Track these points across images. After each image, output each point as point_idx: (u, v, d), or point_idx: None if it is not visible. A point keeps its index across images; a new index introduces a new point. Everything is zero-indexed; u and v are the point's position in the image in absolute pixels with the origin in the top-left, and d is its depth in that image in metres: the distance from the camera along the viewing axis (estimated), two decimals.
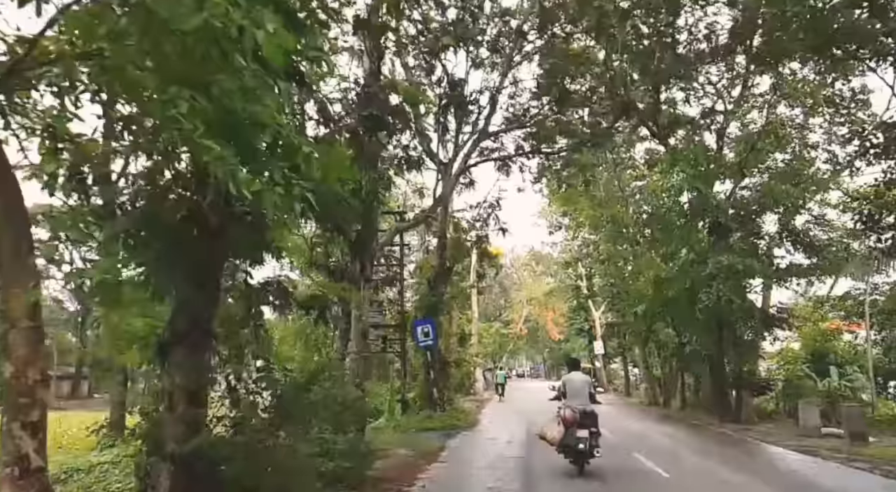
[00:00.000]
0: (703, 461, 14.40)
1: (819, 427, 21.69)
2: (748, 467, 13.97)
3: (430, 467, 12.77)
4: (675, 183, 24.01)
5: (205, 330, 7.49)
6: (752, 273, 23.06)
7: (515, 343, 72.23)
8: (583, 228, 39.70)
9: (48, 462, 5.51)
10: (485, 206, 23.42)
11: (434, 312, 23.20)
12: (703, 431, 22.48)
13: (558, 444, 11.76)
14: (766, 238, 25.58)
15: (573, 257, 46.89)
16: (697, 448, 17.08)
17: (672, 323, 29.63)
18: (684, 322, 26.30)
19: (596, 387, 14.34)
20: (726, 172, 24.68)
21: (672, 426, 23.69)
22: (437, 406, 22.72)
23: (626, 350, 45.03)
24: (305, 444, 8.95)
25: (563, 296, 56.28)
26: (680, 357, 31.34)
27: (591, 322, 49.52)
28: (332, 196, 7.56)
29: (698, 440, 19.15)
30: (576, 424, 11.43)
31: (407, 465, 12.84)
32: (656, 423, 25.06)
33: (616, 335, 44.08)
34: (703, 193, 23.71)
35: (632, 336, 38.97)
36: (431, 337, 22.47)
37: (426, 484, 10.82)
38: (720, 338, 25.12)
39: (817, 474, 13.36)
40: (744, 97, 26.18)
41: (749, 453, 17.13)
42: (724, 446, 18.12)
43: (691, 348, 27.66)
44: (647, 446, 16.76)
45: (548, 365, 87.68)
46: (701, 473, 12.71)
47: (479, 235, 24.68)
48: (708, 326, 24.88)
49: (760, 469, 13.73)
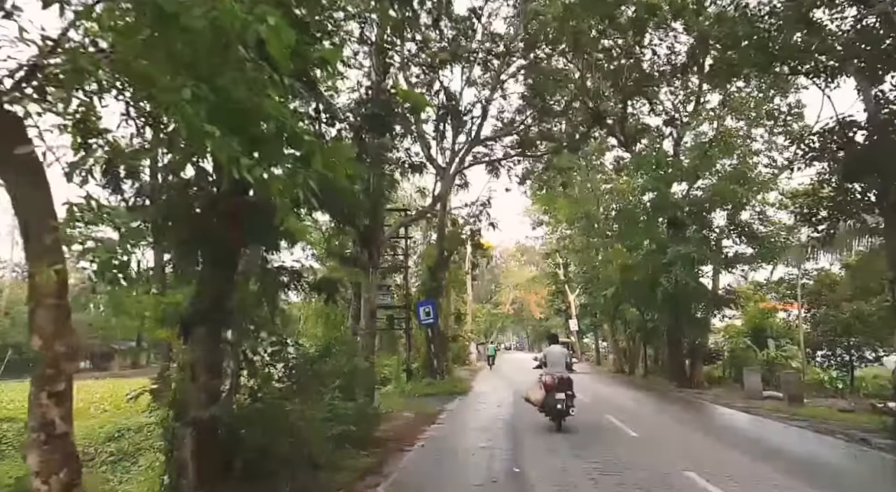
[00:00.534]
0: (665, 420, 13.88)
1: (761, 391, 21.38)
2: (704, 425, 13.47)
3: (430, 427, 12.25)
4: (640, 184, 23.46)
5: (224, 309, 6.95)
6: (704, 260, 22.58)
7: (504, 321, 72.59)
8: (560, 224, 39.32)
9: (74, 428, 4.96)
10: (477, 204, 22.98)
11: (434, 294, 22.70)
12: (663, 395, 21.96)
13: (540, 404, 11.88)
14: (716, 231, 25.06)
15: (552, 249, 46.53)
16: (660, 409, 16.57)
17: (636, 304, 29.10)
18: (647, 303, 25.77)
19: (572, 358, 14.82)
20: (682, 174, 24.12)
21: (637, 391, 23.18)
22: (436, 375, 22.20)
23: (597, 327, 44.71)
24: (317, 410, 8.43)
25: (544, 282, 56.16)
26: (643, 332, 30.91)
27: (567, 304, 49.26)
28: (340, 189, 7.02)
29: (660, 403, 18.62)
30: (554, 388, 11.65)
31: (409, 426, 12.31)
32: (624, 388, 24.55)
33: (588, 314, 43.68)
34: (663, 192, 23.20)
35: (602, 315, 38.49)
36: (432, 316, 21.96)
37: (425, 443, 10.30)
38: (677, 316, 24.65)
39: (763, 429, 12.93)
40: (697, 111, 25.64)
41: (704, 413, 16.64)
42: (682, 408, 17.61)
43: (652, 325, 27.15)
44: (616, 407, 16.27)
45: (530, 339, 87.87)
46: (664, 429, 12.18)
47: (472, 229, 24.15)
48: (667, 306, 24.37)
49: (715, 427, 13.22)
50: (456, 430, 12.22)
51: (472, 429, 12.12)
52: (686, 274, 22.59)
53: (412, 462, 8.80)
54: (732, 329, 28.92)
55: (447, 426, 12.59)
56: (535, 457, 9.09)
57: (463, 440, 10.83)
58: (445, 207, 22.54)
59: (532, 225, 47.94)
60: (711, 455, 9.32)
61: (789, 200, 27.83)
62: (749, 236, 24.44)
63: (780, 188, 27.15)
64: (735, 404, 18.75)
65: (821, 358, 26.16)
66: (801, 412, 16.05)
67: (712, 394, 22.60)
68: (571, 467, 8.35)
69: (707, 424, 13.87)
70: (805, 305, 25.99)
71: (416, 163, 18.13)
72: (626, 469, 8.11)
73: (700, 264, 23.07)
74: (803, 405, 17.51)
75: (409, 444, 10.16)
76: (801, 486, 7.37)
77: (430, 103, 15.63)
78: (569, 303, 48.71)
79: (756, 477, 7.80)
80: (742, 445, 10.44)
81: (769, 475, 7.86)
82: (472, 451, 9.57)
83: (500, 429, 11.96)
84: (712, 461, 8.69)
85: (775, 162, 25.29)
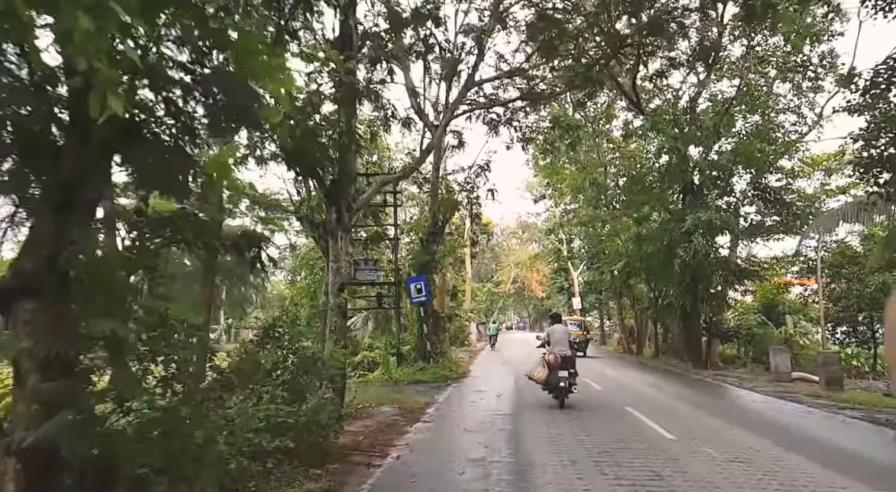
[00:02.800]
0: (699, 416, 11.34)
1: (790, 372, 19.10)
2: (749, 419, 10.93)
3: (412, 428, 9.72)
4: (655, 146, 20.72)
5: (64, 273, 4.40)
6: (729, 227, 19.97)
7: (505, 300, 70.30)
8: (564, 196, 36.56)
9: None
10: (475, 168, 20.29)
11: (427, 269, 20.11)
12: (682, 378, 19.52)
13: (543, 382, 11.87)
14: (737, 197, 22.37)
15: (556, 223, 43.91)
16: (685, 397, 14.04)
17: (648, 278, 26.58)
18: (661, 276, 23.19)
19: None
20: (703, 133, 21.35)
21: (651, 374, 20.66)
22: (430, 358, 19.67)
23: (602, 304, 42.28)
24: (242, 418, 5.95)
25: (546, 259, 53.89)
26: (654, 309, 28.49)
27: (570, 281, 46.85)
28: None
29: (682, 388, 16.13)
30: (558, 366, 11.66)
31: (386, 427, 9.77)
32: (635, 370, 22.05)
33: (593, 292, 41.27)
34: (682, 154, 20.47)
35: (608, 292, 36.07)
36: (424, 293, 19.42)
37: (402, 454, 7.76)
38: (695, 290, 22.16)
39: (825, 426, 10.45)
40: (718, 61, 22.74)
41: (739, 402, 14.12)
42: (710, 395, 15.15)
43: (667, 301, 24.61)
44: (636, 396, 13.81)
45: (532, 318, 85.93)
46: (704, 429, 9.65)
47: (470, 197, 21.45)
48: (683, 278, 21.89)
49: (765, 423, 10.65)
50: (444, 432, 9.69)
51: (464, 430, 9.60)
52: (706, 243, 20.09)
53: (377, 488, 6.29)
54: (742, 305, 27.30)
55: (434, 427, 10.06)
56: (546, 475, 6.58)
57: (451, 448, 8.30)
58: (439, 166, 19.87)
59: (534, 199, 45.41)
60: (799, 472, 6.81)
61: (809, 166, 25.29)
62: (775, 202, 21.73)
63: (801, 154, 24.55)
64: (763, 388, 16.49)
65: (841, 335, 24.16)
66: (842, 398, 13.97)
67: (734, 376, 20.25)
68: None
69: (752, 418, 11.33)
70: (824, 280, 24.00)
71: (402, 117, 15.50)
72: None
73: (724, 232, 20.44)
74: (843, 390, 15.29)
75: (379, 455, 7.63)
76: None
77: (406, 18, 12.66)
78: (572, 280, 46.36)
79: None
80: (824, 452, 7.93)
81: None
82: (461, 466, 7.07)
83: (499, 430, 9.43)
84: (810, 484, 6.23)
85: (803, 118, 22.49)
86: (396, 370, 18.27)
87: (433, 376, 17.81)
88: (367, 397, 12.62)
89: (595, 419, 10.40)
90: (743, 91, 21.77)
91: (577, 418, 10.44)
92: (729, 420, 10.64)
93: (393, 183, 16.00)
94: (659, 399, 13.62)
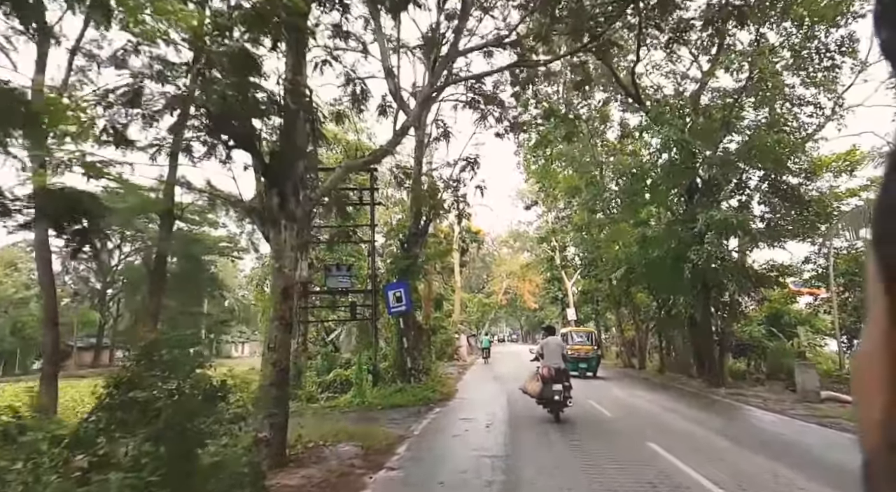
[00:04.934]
0: (740, 452, 8.83)
1: (818, 391, 16.71)
2: (797, 456, 8.43)
3: (371, 481, 7.09)
4: (662, 137, 18.34)
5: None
6: (745, 228, 17.52)
7: (496, 312, 67.69)
8: (558, 201, 34.17)
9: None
10: (461, 163, 17.84)
11: (408, 275, 17.56)
12: (697, 399, 17.04)
13: (538, 396, 11.59)
14: (750, 193, 19.94)
15: (549, 230, 41.63)
16: (714, 427, 11.48)
17: (650, 287, 24.13)
18: (668, 284, 20.72)
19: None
20: (711, 125, 19.04)
21: (661, 393, 18.10)
22: (411, 377, 17.06)
23: (599, 315, 39.77)
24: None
25: (539, 269, 51.51)
26: (658, 320, 26.07)
27: (565, 291, 44.38)
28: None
29: (705, 414, 13.58)
30: (552, 379, 11.40)
31: (338, 479, 7.12)
32: (642, 389, 19.48)
33: (589, 302, 38.82)
34: (691, 147, 18.11)
35: (606, 301, 33.60)
36: (405, 302, 16.88)
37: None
38: (706, 298, 19.76)
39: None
40: (722, 53, 20.55)
41: (774, 430, 11.58)
42: (738, 422, 12.71)
43: (675, 310, 22.18)
44: (655, 426, 11.31)
45: (524, 330, 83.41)
46: (757, 478, 7.16)
47: (456, 194, 18.95)
48: (693, 286, 19.49)
49: (814, 460, 8.19)
50: (413, 489, 7.11)
51: (439, 485, 7.04)
52: (720, 246, 17.77)
53: None
54: (749, 315, 24.71)
55: (400, 479, 7.41)
56: None
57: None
58: (421, 160, 17.43)
59: (526, 205, 43.28)
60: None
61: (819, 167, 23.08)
62: (793, 200, 19.32)
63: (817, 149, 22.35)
64: (796, 412, 14.09)
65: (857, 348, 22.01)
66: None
67: (754, 395, 17.78)
68: None
69: (805, 454, 8.82)
70: (837, 288, 21.81)
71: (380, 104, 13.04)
72: None
73: (737, 234, 18.01)
74: None
75: None
76: None
77: None
78: (566, 290, 43.92)
79: None
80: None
81: None
82: None
83: (485, 486, 6.87)
84: None
85: (821, 110, 20.23)
86: (371, 392, 15.68)
87: (413, 398, 15.22)
88: (325, 429, 10.04)
89: (613, 463, 7.89)
90: (754, 80, 19.52)
91: (591, 462, 7.92)
92: (780, 459, 8.16)
93: (361, 170, 13.51)
94: (683, 430, 11.13)
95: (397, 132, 10.95)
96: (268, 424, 8.01)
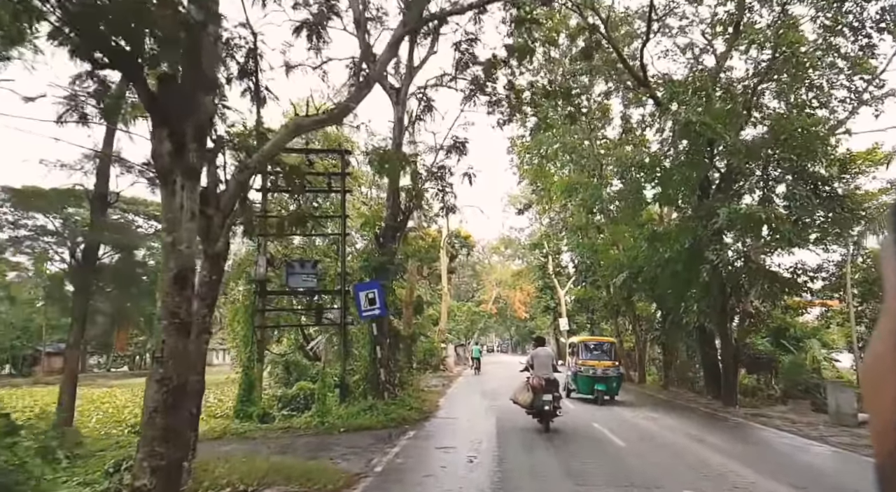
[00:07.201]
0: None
1: (855, 414, 14.39)
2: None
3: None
4: (682, 119, 15.90)
5: None
6: (776, 223, 14.98)
7: (486, 321, 64.96)
8: (553, 202, 31.70)
9: None
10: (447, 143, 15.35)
11: (383, 274, 14.99)
12: (715, 422, 14.54)
13: (528, 406, 11.42)
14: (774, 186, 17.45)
15: (543, 233, 39.30)
16: (753, 463, 8.91)
17: (656, 293, 21.60)
18: (680, 288, 18.18)
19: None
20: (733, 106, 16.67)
21: (676, 416, 15.27)
22: (385, 391, 14.43)
23: (594, 325, 37.22)
24: None
25: (530, 276, 49.05)
26: (663, 330, 23.62)
27: (557, 300, 41.84)
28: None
29: (733, 444, 11.01)
30: (542, 389, 11.23)
31: None
32: (649, 409, 16.74)
33: (585, 310, 36.36)
34: (711, 130, 15.68)
35: (603, 310, 31.13)
36: (378, 305, 14.31)
37: None
38: (724, 306, 17.30)
39: None
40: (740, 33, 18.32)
41: (830, 469, 9.06)
42: (779, 454, 10.20)
43: (686, 319, 19.68)
44: (683, 466, 8.70)
45: (514, 341, 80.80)
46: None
47: (441, 184, 16.42)
48: (709, 291, 17.05)
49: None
50: None
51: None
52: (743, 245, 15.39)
53: None
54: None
55: None
56: None
57: None
58: (401, 142, 14.92)
59: (519, 209, 41.01)
60: None
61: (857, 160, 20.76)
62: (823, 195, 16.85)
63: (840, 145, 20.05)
64: (839, 439, 11.75)
65: None
66: None
67: (778, 417, 15.34)
68: None
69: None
70: (855, 297, 19.56)
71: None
72: None
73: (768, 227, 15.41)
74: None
75: None
76: None
77: None
78: (559, 299, 41.37)
79: None
80: None
81: None
82: None
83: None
84: None
85: (857, 94, 17.95)
86: (337, 410, 13.05)
87: (384, 417, 12.57)
88: (255, 466, 7.44)
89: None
90: (779, 59, 17.23)
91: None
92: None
93: (314, 129, 10.97)
94: (717, 467, 8.55)
95: (360, 83, 8.48)
96: (148, 468, 5.44)
